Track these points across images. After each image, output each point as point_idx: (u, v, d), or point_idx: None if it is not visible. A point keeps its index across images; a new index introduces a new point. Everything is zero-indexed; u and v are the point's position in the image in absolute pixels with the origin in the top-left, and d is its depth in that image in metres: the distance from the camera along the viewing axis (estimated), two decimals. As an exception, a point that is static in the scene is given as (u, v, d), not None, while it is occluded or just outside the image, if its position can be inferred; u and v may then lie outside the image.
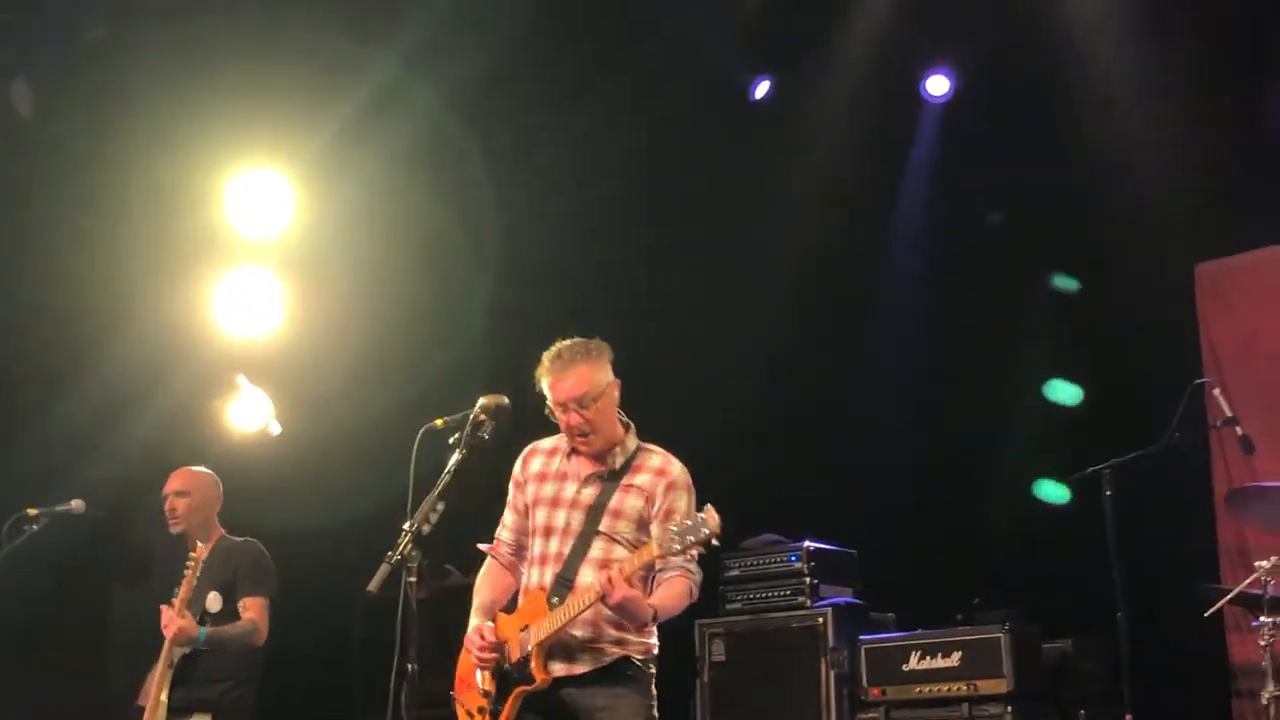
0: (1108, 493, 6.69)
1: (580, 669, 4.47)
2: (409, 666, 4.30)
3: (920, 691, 6.85)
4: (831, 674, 7.23)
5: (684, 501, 4.54)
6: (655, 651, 4.60)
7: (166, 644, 5.93)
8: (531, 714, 4.48)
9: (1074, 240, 8.48)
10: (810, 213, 8.69)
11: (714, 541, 4.23)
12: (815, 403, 8.73)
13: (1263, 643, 6.24)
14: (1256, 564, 6.38)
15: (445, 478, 4.44)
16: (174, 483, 6.42)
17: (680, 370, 8.66)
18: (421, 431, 4.53)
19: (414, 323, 8.29)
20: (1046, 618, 7.14)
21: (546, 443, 4.78)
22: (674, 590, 4.47)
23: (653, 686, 4.58)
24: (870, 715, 6.97)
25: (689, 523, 4.23)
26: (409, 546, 4.29)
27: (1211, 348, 8.59)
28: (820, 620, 7.31)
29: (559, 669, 4.45)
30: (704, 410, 8.30)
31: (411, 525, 4.33)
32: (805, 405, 8.77)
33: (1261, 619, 6.25)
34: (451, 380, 7.52)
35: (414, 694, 4.29)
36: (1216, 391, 7.19)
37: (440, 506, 4.38)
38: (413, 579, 4.28)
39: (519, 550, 4.77)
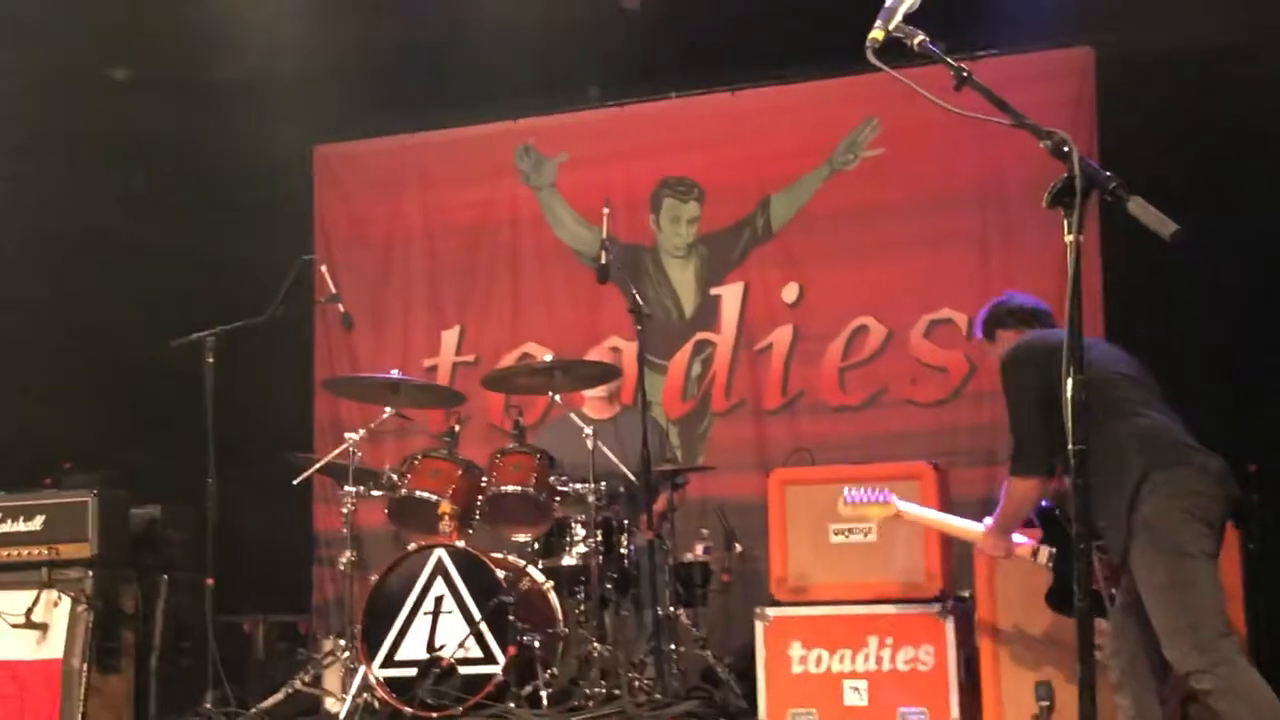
0: (209, 360, 6.71)
1: None
2: None
3: (-2, 556, 6.55)
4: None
5: None
6: None
7: None
8: None
9: (201, 108, 8.35)
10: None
11: None
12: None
13: (345, 510, 6.55)
14: (346, 435, 6.70)
15: None
16: None
17: None
18: None
19: None
20: (141, 484, 7.05)
21: None
22: None
23: None
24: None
25: None
26: None
27: (324, 227, 9.01)
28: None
29: None
30: None
31: None
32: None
33: (346, 488, 6.57)
34: None
35: None
36: (324, 269, 7.44)
37: None
38: None
39: None
